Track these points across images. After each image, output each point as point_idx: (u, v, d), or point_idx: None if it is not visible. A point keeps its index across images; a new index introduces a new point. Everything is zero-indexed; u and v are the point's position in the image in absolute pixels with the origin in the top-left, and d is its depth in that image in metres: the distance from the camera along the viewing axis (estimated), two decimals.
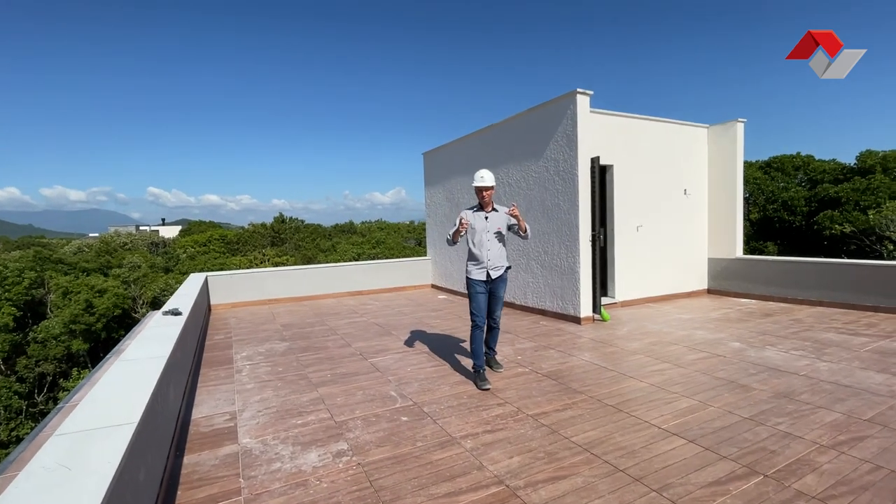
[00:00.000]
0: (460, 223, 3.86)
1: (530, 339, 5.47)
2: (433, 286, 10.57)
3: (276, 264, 25.94)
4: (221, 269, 25.38)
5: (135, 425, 1.84)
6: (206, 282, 8.26)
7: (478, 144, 8.45)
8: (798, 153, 21.66)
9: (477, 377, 4.00)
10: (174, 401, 3.13)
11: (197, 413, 3.54)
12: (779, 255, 7.88)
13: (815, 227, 16.38)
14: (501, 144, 7.68)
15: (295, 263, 26.44)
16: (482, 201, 4.04)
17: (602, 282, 7.02)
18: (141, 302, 21.87)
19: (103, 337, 19.62)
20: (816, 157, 20.98)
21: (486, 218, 4.02)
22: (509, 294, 7.66)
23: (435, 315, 7.25)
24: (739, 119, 7.98)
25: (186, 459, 2.81)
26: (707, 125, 8.33)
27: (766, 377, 3.93)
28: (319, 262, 25.93)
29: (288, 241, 31.29)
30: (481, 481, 2.47)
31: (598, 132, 6.59)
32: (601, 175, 7.01)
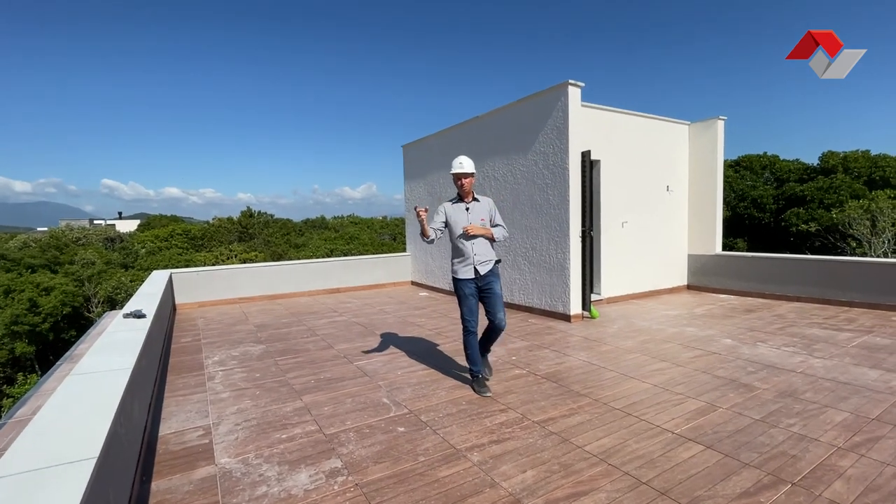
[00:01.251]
0: (417, 214, 3.42)
1: (522, 339, 5.29)
2: (413, 283, 10.27)
3: (245, 260, 24.93)
4: (186, 266, 24.15)
5: (94, 460, 1.50)
6: (170, 279, 7.67)
7: (461, 137, 8.20)
8: (765, 153, 22.57)
9: (475, 383, 3.74)
10: (139, 416, 2.75)
11: (165, 428, 3.15)
12: (748, 251, 8.08)
13: (783, 223, 17.14)
14: (486, 137, 7.46)
15: (265, 260, 25.48)
16: (461, 190, 3.67)
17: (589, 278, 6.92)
18: (96, 301, 20.49)
19: (51, 338, 18.25)
20: (781, 157, 21.96)
21: (468, 209, 3.67)
22: None
23: (419, 314, 6.98)
24: (720, 117, 8.06)
25: (155, 486, 2.45)
26: (688, 122, 8.38)
27: (765, 375, 3.88)
28: (291, 258, 25.09)
29: (257, 236, 30.14)
30: (496, 501, 2.24)
31: (583, 126, 6.46)
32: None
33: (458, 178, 3.64)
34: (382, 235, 31.63)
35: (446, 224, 3.71)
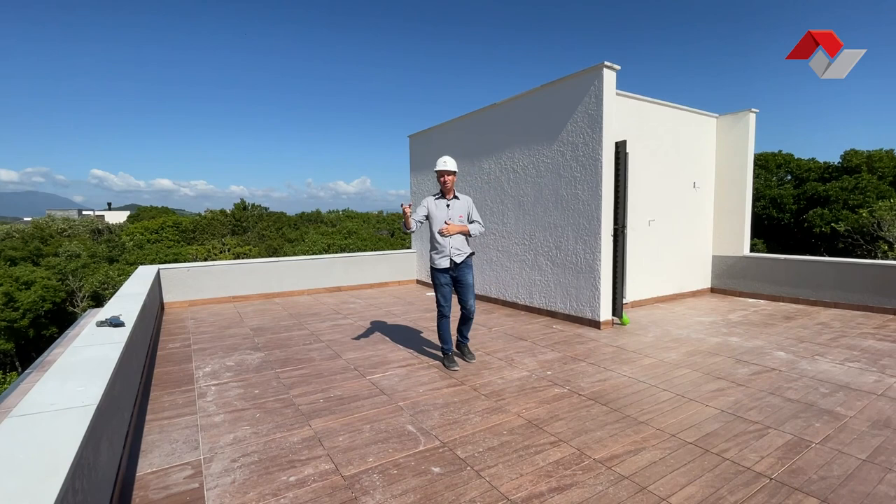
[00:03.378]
0: (403, 210, 3.82)
1: (551, 349, 4.75)
2: (418, 282, 9.71)
3: (238, 254, 24.18)
4: (176, 260, 23.37)
5: None
6: (157, 276, 7.04)
7: (475, 126, 7.61)
8: (780, 151, 22.01)
9: (445, 359, 4.19)
10: (110, 456, 2.17)
11: (145, 465, 2.57)
12: (766, 252, 7.65)
13: (806, 224, 16.67)
14: (505, 126, 6.88)
15: (258, 253, 24.75)
16: (443, 188, 4.07)
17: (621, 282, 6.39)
18: (81, 295, 19.67)
19: (32, 335, 17.44)
20: (796, 156, 21.55)
21: (448, 206, 4.07)
22: (512, 293, 6.93)
23: (430, 316, 6.41)
24: (752, 109, 7.56)
25: None
26: (716, 115, 7.87)
27: (844, 398, 3.38)
28: (286, 253, 24.38)
29: (250, 229, 29.32)
30: None
31: (618, 113, 5.91)
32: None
33: (441, 175, 4.03)
34: (380, 231, 30.87)
35: (427, 217, 4.11)
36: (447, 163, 4.04)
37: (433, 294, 8.73)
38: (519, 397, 3.47)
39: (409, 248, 10.27)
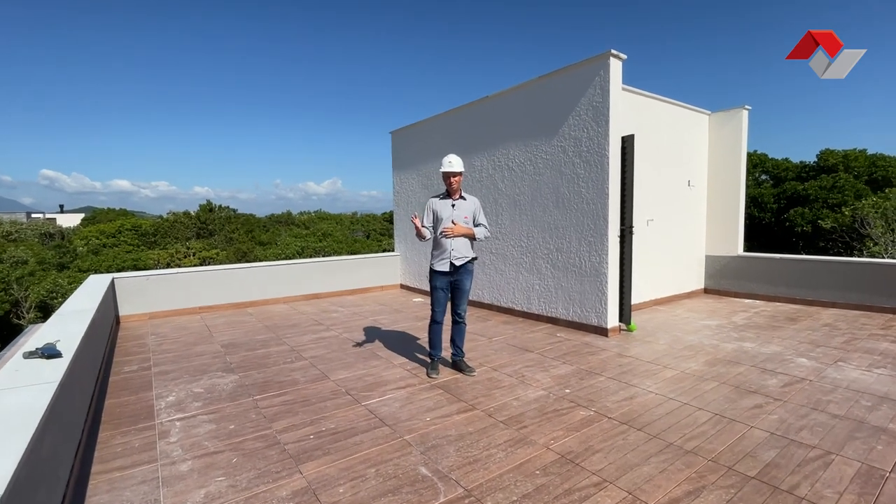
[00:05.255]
0: (415, 225, 3.74)
1: (562, 360, 4.35)
2: (402, 286, 9.18)
3: (205, 259, 22.86)
4: (135, 267, 21.84)
5: None
6: (112, 286, 6.25)
7: (464, 121, 7.16)
8: (755, 150, 22.55)
9: (429, 366, 4.01)
10: None
11: None
12: (748, 251, 7.61)
13: (787, 223, 17.06)
14: (498, 120, 6.46)
15: (227, 258, 23.48)
16: (450, 188, 3.87)
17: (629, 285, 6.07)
18: (27, 306, 18.04)
19: None
20: (770, 156, 22.14)
21: (453, 206, 3.86)
22: (508, 298, 6.52)
23: (422, 326, 5.92)
24: (745, 106, 7.43)
25: None
26: (709, 111, 7.72)
27: (890, 412, 3.10)
28: (257, 257, 23.22)
29: (217, 232, 27.85)
30: None
31: (624, 106, 5.59)
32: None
33: (447, 176, 3.82)
34: (356, 232, 29.96)
35: (434, 220, 3.90)
36: (453, 163, 3.81)
37: (421, 300, 8.27)
38: (542, 423, 3.03)
39: (391, 250, 9.73)
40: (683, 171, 7.29)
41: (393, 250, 9.59)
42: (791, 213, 17.51)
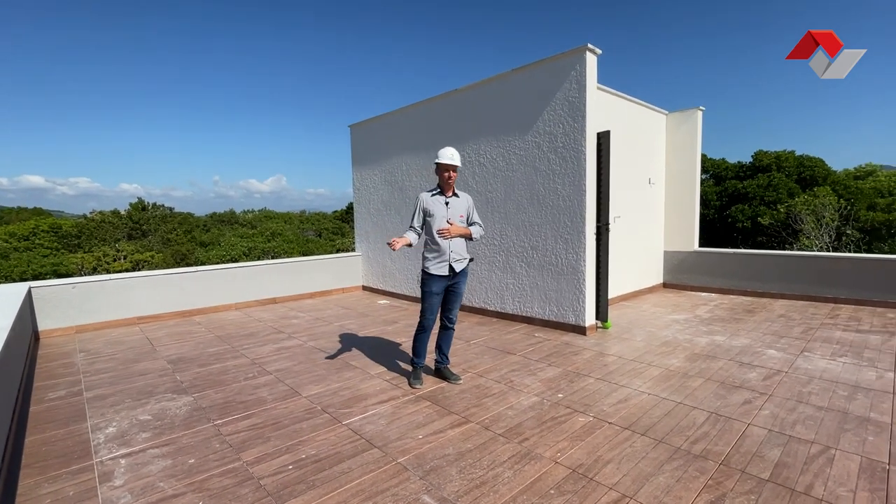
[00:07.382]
0: (391, 247, 3.33)
1: (546, 362, 4.21)
2: (365, 288, 8.76)
3: (138, 263, 20.92)
4: (56, 273, 19.58)
5: None
6: (28, 296, 5.39)
7: (430, 115, 6.89)
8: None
9: (412, 374, 3.77)
10: None
11: None
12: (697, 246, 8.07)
13: (729, 219, 18.30)
14: (469, 114, 6.25)
15: (164, 261, 21.64)
16: (444, 183, 3.55)
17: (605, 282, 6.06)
18: None
19: None
20: (709, 156, 23.66)
21: (447, 203, 3.57)
22: (480, 298, 6.34)
23: (393, 330, 5.60)
24: (699, 107, 7.73)
25: None
26: (666, 111, 7.96)
27: (867, 401, 3.22)
28: (199, 259, 21.56)
29: (152, 233, 25.62)
30: None
31: (599, 101, 5.56)
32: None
33: (445, 169, 3.51)
34: (306, 231, 28.66)
35: (426, 219, 3.58)
36: (454, 156, 3.52)
37: (387, 302, 7.89)
38: (543, 434, 2.85)
39: (346, 250, 9.26)
40: (644, 169, 7.46)
41: (351, 250, 9.14)
42: (733, 210, 18.87)
